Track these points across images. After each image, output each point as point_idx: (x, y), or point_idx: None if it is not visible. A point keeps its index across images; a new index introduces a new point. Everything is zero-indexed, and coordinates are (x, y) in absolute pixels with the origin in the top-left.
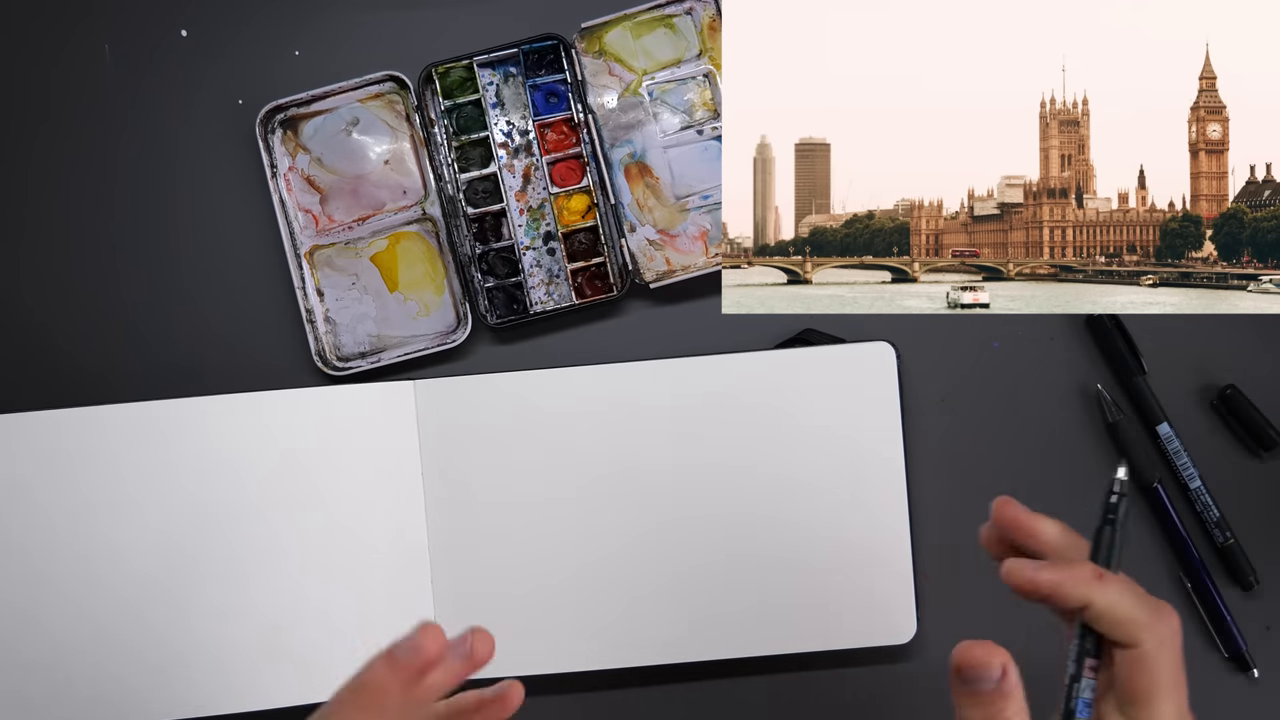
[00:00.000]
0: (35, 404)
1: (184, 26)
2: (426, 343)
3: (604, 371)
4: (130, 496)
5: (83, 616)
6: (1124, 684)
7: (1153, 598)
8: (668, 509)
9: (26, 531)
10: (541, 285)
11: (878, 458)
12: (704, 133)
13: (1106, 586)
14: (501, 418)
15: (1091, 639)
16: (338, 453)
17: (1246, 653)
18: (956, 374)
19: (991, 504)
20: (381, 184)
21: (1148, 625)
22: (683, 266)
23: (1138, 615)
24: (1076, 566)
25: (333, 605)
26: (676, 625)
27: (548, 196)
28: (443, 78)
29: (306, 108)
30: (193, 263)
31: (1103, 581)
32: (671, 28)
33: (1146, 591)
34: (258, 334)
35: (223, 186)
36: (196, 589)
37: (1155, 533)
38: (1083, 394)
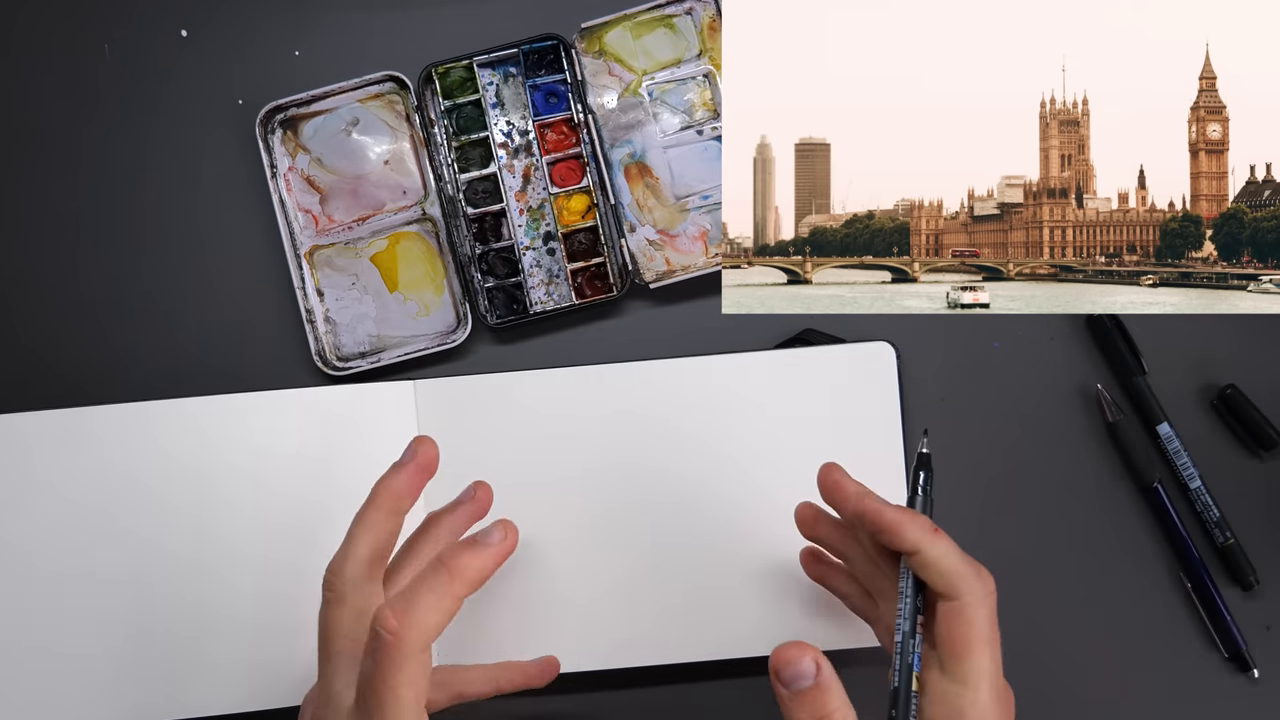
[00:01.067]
0: (35, 404)
1: (184, 26)
2: (426, 343)
3: (604, 371)
4: (130, 496)
5: (82, 616)
6: (944, 638)
7: (972, 559)
8: (668, 509)
9: (26, 531)
10: (541, 285)
11: (878, 458)
12: (704, 133)
13: (938, 539)
14: (501, 418)
15: (921, 596)
16: (338, 453)
17: (1246, 653)
18: (956, 374)
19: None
20: (381, 184)
21: (968, 578)
22: (683, 266)
23: (962, 568)
24: (919, 515)
25: None
26: (677, 625)
27: (548, 196)
28: (443, 78)
29: (306, 108)
30: (193, 263)
31: (936, 534)
32: (671, 28)
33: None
34: (258, 334)
35: (223, 186)
36: (196, 589)
37: (1155, 533)
38: (1083, 394)
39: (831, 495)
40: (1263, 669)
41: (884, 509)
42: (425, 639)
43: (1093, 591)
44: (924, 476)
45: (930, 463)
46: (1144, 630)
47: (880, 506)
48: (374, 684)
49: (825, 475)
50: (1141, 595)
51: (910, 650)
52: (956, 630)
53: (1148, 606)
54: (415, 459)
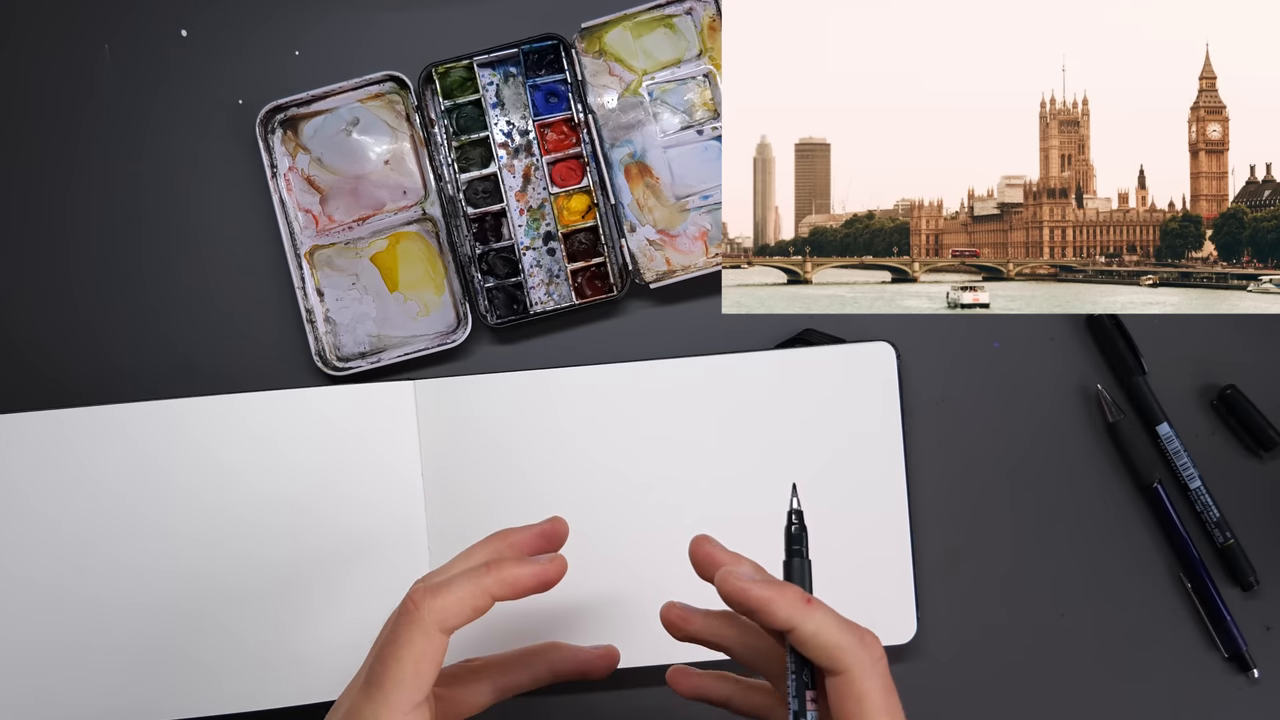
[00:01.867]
0: (35, 404)
1: (184, 26)
2: (426, 343)
3: (604, 371)
4: (129, 497)
5: (83, 616)
6: (838, 713)
7: (855, 624)
8: (668, 508)
9: (26, 531)
10: (541, 285)
11: (878, 458)
12: (704, 133)
13: (812, 611)
14: (501, 418)
15: (808, 670)
16: (338, 453)
17: (1246, 653)
18: (956, 374)
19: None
20: (381, 184)
21: (851, 649)
22: (683, 266)
23: (842, 640)
24: (788, 587)
25: (332, 605)
26: None
27: (548, 196)
28: (443, 78)
29: (306, 108)
30: (192, 263)
31: (810, 606)
32: (671, 28)
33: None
34: (258, 334)
35: (223, 186)
36: (195, 589)
37: (1155, 533)
38: (1083, 394)
39: (703, 569)
40: (1263, 669)
41: (749, 587)
42: (443, 620)
43: (1093, 591)
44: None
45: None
46: (1144, 630)
47: (744, 585)
48: (381, 648)
49: (696, 548)
50: (1141, 595)
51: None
52: (848, 706)
53: (1148, 606)
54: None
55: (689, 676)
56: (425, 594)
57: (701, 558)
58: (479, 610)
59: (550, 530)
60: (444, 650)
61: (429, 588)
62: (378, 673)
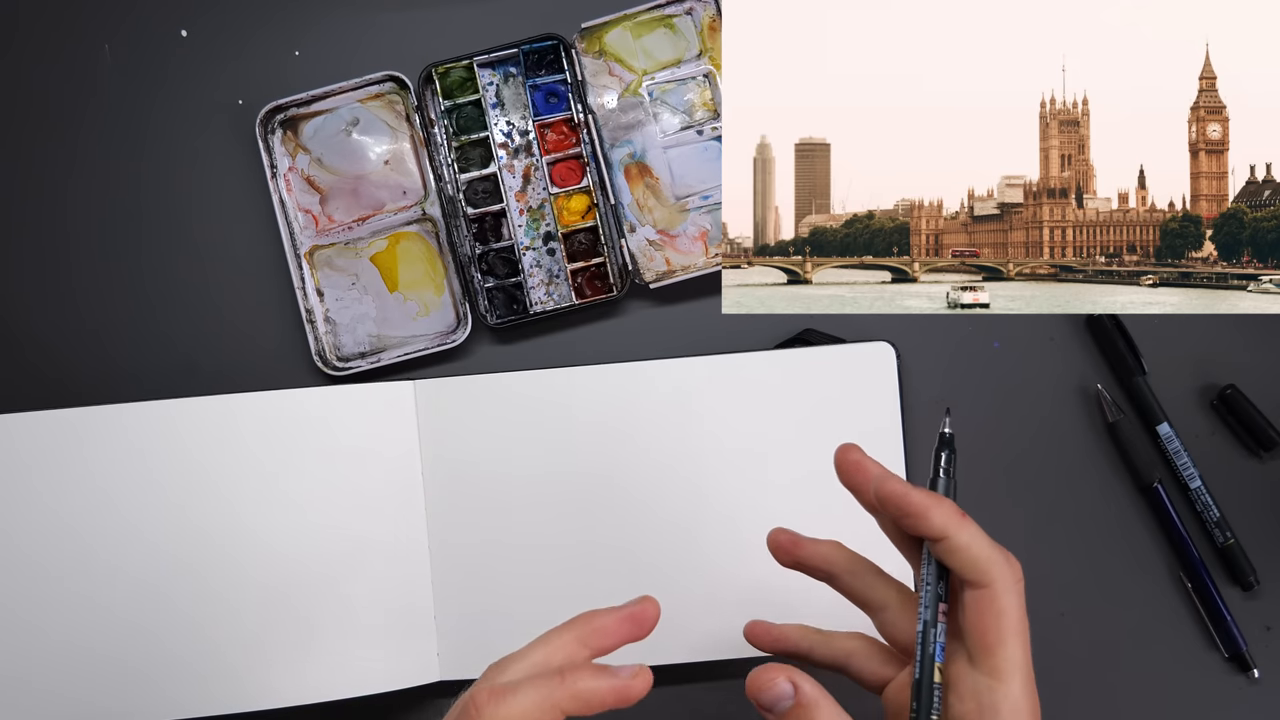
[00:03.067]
0: (35, 404)
1: (184, 26)
2: (426, 343)
3: (604, 371)
4: (130, 496)
5: (82, 616)
6: (973, 628)
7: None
8: (668, 508)
9: (26, 532)
10: (541, 285)
11: (878, 457)
12: (704, 133)
13: (966, 523)
14: (501, 418)
15: (944, 583)
16: (338, 453)
17: (1246, 653)
18: (956, 374)
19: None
20: (381, 184)
21: (999, 565)
22: (683, 266)
23: (992, 554)
24: (945, 499)
25: (332, 605)
26: (676, 625)
27: (548, 196)
28: (443, 78)
29: (306, 108)
30: (193, 263)
31: (964, 518)
32: (671, 28)
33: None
34: (258, 334)
35: (223, 186)
36: (195, 588)
37: (1155, 533)
38: (1083, 394)
39: (851, 476)
40: (1263, 669)
41: (909, 492)
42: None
43: (1093, 591)
44: (945, 457)
45: (953, 443)
46: (1144, 630)
47: (905, 489)
48: None
49: (844, 455)
50: (1141, 595)
51: (932, 640)
52: (987, 620)
53: (1148, 606)
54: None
55: (769, 630)
56: (490, 698)
57: (849, 465)
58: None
59: (640, 614)
60: None
61: (494, 690)
62: None
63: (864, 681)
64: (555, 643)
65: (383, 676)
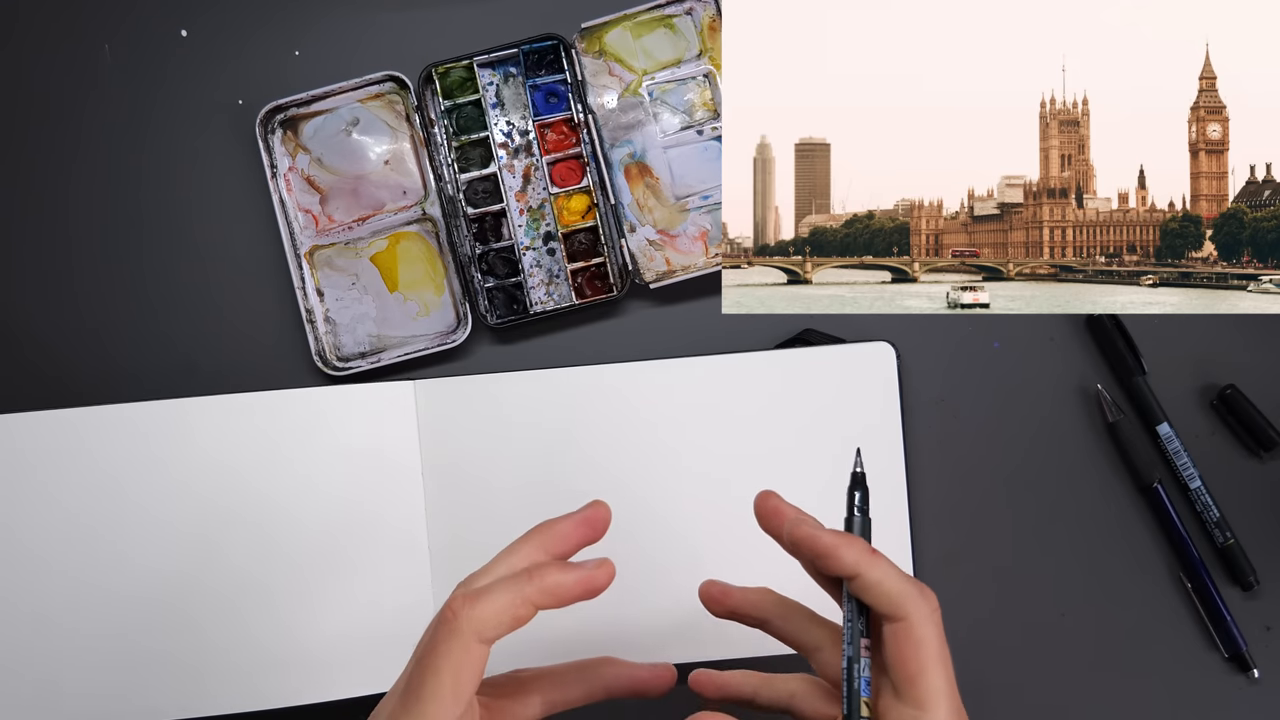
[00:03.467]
0: (35, 404)
1: (184, 26)
2: (426, 343)
3: (604, 371)
4: (130, 497)
5: (84, 616)
6: (895, 660)
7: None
8: (668, 508)
9: (27, 532)
10: (541, 285)
11: (878, 457)
12: (704, 133)
13: (877, 560)
14: (501, 418)
15: (863, 620)
16: (338, 453)
17: (1246, 653)
18: (956, 374)
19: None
20: (381, 184)
21: (913, 597)
22: (683, 266)
23: (904, 588)
24: (854, 538)
25: (331, 605)
26: (674, 625)
27: (548, 196)
28: (443, 78)
29: (306, 108)
30: (192, 263)
31: (874, 555)
32: (671, 28)
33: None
34: (258, 334)
35: (223, 186)
36: (195, 589)
37: (1155, 533)
38: (1083, 394)
39: (769, 521)
40: (1263, 669)
41: (819, 534)
42: (482, 630)
43: (1093, 591)
44: (859, 496)
45: (865, 482)
46: (1144, 630)
47: (815, 532)
48: (420, 658)
49: (762, 502)
50: (1141, 595)
51: (857, 675)
52: (907, 651)
53: (1148, 606)
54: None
55: (712, 679)
56: (464, 602)
57: (768, 511)
58: (520, 620)
59: (593, 516)
60: (484, 661)
61: (468, 595)
62: (415, 683)
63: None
64: (519, 552)
65: (382, 676)
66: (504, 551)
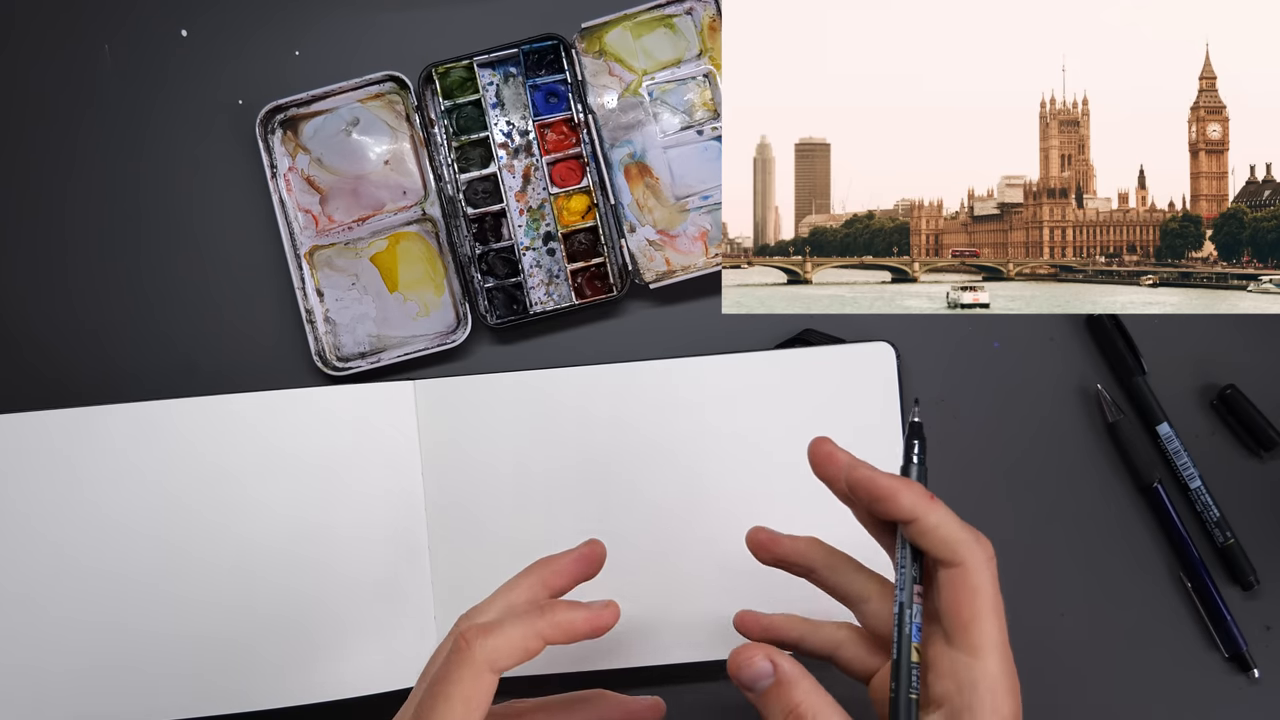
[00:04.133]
0: (35, 404)
1: (184, 26)
2: (426, 343)
3: (604, 371)
4: (130, 497)
5: (82, 616)
6: (948, 607)
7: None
8: (668, 508)
9: (27, 532)
10: (541, 285)
11: (878, 458)
12: (704, 133)
13: (935, 505)
14: (501, 418)
15: (918, 565)
16: (338, 453)
17: (1246, 653)
18: (956, 374)
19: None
20: (381, 184)
21: (969, 544)
22: (683, 266)
23: (962, 534)
24: (913, 483)
25: (331, 605)
26: (677, 625)
27: (548, 197)
28: (443, 78)
29: (306, 108)
30: (192, 263)
31: (933, 500)
32: (671, 28)
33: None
34: (258, 334)
35: (223, 186)
36: (195, 589)
37: (1155, 533)
38: (1083, 394)
39: (823, 467)
40: (1263, 669)
41: (877, 476)
42: (495, 661)
43: (1093, 591)
44: (917, 445)
45: (922, 431)
46: (1144, 630)
47: (873, 474)
48: (431, 685)
49: (816, 447)
50: (1141, 595)
51: (909, 621)
52: (961, 598)
53: (1148, 606)
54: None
55: (758, 619)
56: (478, 633)
57: (822, 456)
58: (530, 653)
59: (589, 554)
60: (493, 690)
61: (482, 627)
62: (426, 710)
63: (851, 671)
64: (519, 586)
65: (383, 676)
66: (504, 586)
